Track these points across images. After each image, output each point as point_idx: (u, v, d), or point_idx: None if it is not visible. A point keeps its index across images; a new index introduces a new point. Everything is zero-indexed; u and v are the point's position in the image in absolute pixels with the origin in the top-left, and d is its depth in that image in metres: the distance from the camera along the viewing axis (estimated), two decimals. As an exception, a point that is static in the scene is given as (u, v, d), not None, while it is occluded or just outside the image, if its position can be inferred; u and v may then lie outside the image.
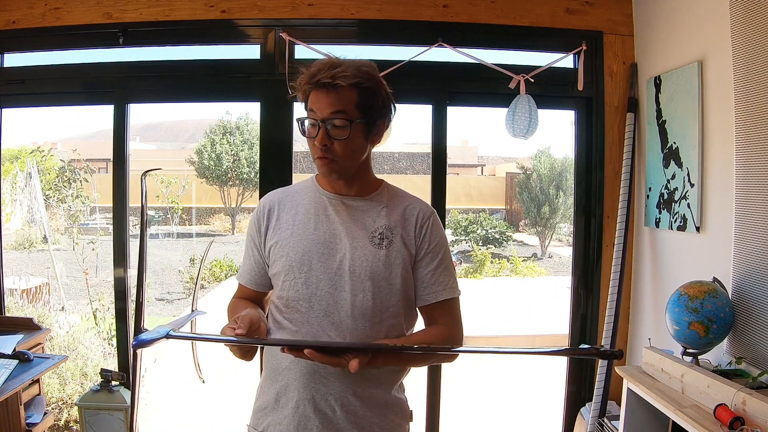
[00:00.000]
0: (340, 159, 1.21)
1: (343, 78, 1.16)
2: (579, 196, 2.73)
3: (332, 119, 1.17)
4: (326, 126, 1.17)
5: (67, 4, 2.52)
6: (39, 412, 2.51)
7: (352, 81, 1.17)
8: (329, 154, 1.19)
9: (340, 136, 1.18)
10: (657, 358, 1.93)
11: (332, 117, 1.17)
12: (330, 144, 1.19)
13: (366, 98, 1.19)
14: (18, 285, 5.14)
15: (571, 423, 2.69)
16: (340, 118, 1.17)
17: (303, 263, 1.23)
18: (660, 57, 2.42)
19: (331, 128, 1.18)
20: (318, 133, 1.18)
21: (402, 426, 1.30)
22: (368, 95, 1.20)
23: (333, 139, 1.18)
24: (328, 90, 1.17)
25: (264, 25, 2.54)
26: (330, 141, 1.18)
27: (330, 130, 1.18)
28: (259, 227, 1.31)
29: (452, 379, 4.45)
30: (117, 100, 2.57)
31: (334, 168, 1.22)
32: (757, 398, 1.47)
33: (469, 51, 2.54)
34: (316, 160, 1.22)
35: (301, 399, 1.21)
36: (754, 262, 1.82)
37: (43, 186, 7.12)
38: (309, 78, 1.19)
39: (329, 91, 1.16)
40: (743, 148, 1.87)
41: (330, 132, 1.18)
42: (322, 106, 1.18)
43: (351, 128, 1.18)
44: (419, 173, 16.80)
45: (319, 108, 1.18)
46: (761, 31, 1.78)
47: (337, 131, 1.18)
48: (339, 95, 1.17)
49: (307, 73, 1.20)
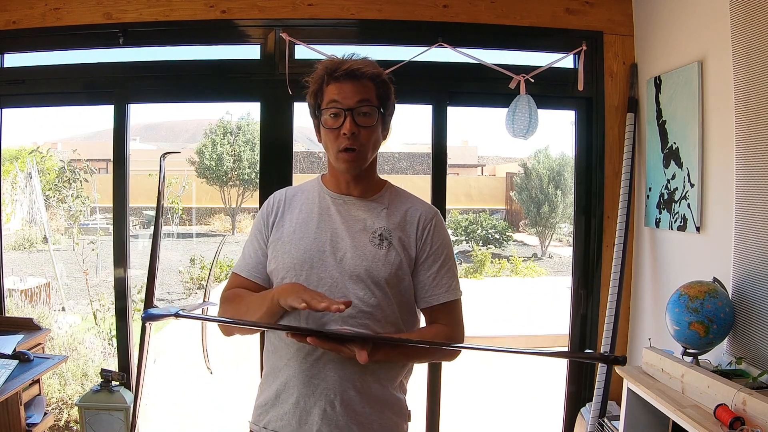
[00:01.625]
0: (365, 149, 1.22)
1: (367, 68, 1.20)
2: (579, 196, 2.73)
3: (359, 107, 1.19)
4: (353, 114, 1.19)
5: (67, 5, 2.52)
6: (39, 413, 2.51)
7: (374, 71, 1.22)
8: (356, 143, 1.20)
9: (367, 124, 1.20)
10: (657, 359, 1.93)
11: (359, 105, 1.19)
12: (358, 132, 1.20)
13: (384, 91, 1.24)
14: (18, 285, 5.15)
15: (572, 423, 2.69)
16: (367, 105, 1.20)
17: (304, 262, 1.23)
18: (660, 57, 2.42)
19: (358, 116, 1.20)
20: (344, 121, 1.19)
21: (400, 425, 1.30)
22: (385, 88, 1.24)
23: (360, 127, 1.20)
24: (351, 80, 1.19)
25: (264, 25, 2.54)
26: (358, 129, 1.19)
27: (357, 118, 1.19)
28: (267, 221, 1.32)
29: (452, 380, 4.45)
30: (117, 100, 2.57)
31: (359, 161, 1.23)
32: (757, 398, 1.47)
33: (469, 51, 2.54)
34: (340, 153, 1.22)
35: (302, 395, 1.21)
36: (754, 262, 1.82)
37: (43, 186, 7.12)
38: (328, 71, 1.21)
39: (353, 81, 1.19)
40: (743, 149, 1.87)
41: (357, 120, 1.19)
42: (347, 95, 1.19)
43: (377, 116, 1.21)
44: (419, 173, 16.79)
45: (345, 97, 1.19)
46: (761, 31, 1.78)
47: (364, 119, 1.20)
48: (363, 85, 1.20)
49: (322, 67, 1.22)
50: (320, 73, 1.23)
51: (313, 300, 1.06)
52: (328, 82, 1.21)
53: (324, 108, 1.22)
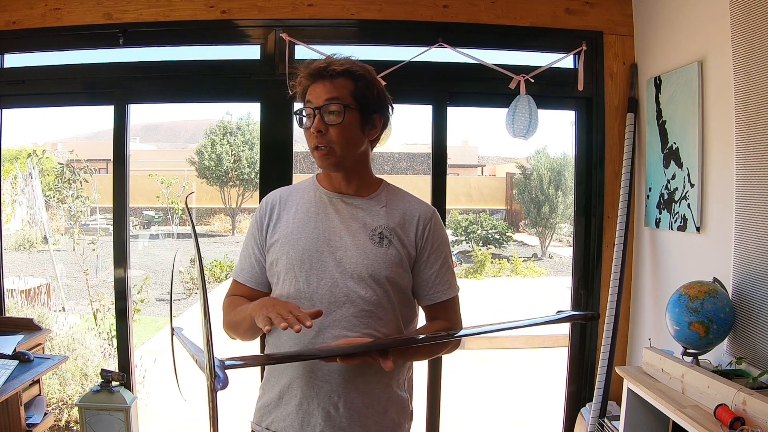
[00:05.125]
0: (336, 146, 1.21)
1: (337, 65, 1.21)
2: (579, 197, 2.73)
3: (327, 105, 1.20)
4: (321, 113, 1.20)
5: (67, 5, 2.52)
6: (39, 413, 2.51)
7: (346, 67, 1.21)
8: (324, 140, 1.21)
9: (334, 122, 1.20)
10: (657, 359, 1.93)
11: (327, 103, 1.20)
12: (325, 130, 1.20)
13: (361, 87, 1.22)
14: (18, 285, 5.14)
15: (572, 423, 2.69)
16: (335, 103, 1.19)
17: (304, 261, 1.23)
18: (660, 57, 2.42)
19: (326, 115, 1.20)
20: (314, 121, 1.20)
21: (402, 425, 1.31)
22: (363, 85, 1.23)
23: (328, 125, 1.20)
24: (323, 79, 1.21)
25: (264, 25, 2.54)
26: (325, 127, 1.20)
27: (325, 116, 1.20)
28: (261, 225, 1.31)
29: (453, 379, 4.45)
30: (117, 101, 2.57)
31: (330, 158, 1.23)
32: (757, 398, 1.47)
33: (470, 51, 2.54)
34: (314, 152, 1.23)
35: (305, 396, 1.21)
36: (754, 262, 1.82)
37: (44, 186, 7.12)
38: (306, 72, 1.23)
39: (325, 80, 1.20)
40: (743, 149, 1.87)
41: (324, 118, 1.20)
42: (317, 95, 1.21)
43: (345, 113, 1.20)
44: (419, 173, 16.82)
45: (315, 97, 1.21)
46: (761, 31, 1.78)
47: (331, 117, 1.20)
48: (334, 83, 1.21)
49: (302, 70, 1.24)
50: (301, 75, 1.24)
51: (276, 319, 1.05)
52: (308, 84, 1.23)
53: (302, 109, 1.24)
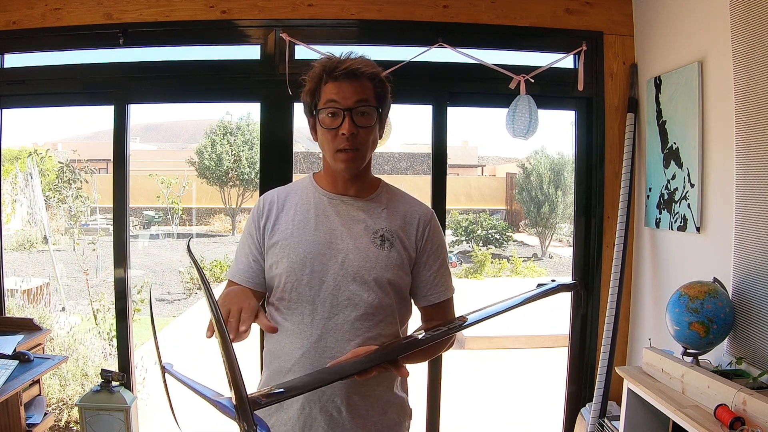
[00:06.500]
0: (363, 149, 1.21)
1: (365, 67, 1.19)
2: (579, 197, 2.73)
3: (358, 107, 1.18)
4: (351, 114, 1.18)
5: (67, 5, 2.52)
6: (39, 413, 2.51)
7: (372, 71, 1.20)
8: (353, 143, 1.19)
9: (366, 124, 1.19)
10: (657, 359, 1.93)
11: (358, 105, 1.18)
12: (357, 132, 1.19)
13: (381, 90, 1.23)
14: (18, 285, 5.15)
15: (572, 423, 2.69)
16: (366, 105, 1.19)
17: (305, 264, 1.21)
18: (660, 57, 2.42)
19: (357, 116, 1.18)
20: (343, 121, 1.18)
21: (402, 424, 1.31)
22: (383, 88, 1.23)
23: (359, 127, 1.19)
24: (350, 80, 1.18)
25: (264, 25, 2.54)
26: (357, 129, 1.19)
27: (355, 118, 1.18)
28: (258, 225, 1.29)
29: (452, 379, 4.45)
30: (117, 101, 2.57)
31: (358, 161, 1.22)
32: (757, 398, 1.47)
33: (470, 51, 2.54)
34: (338, 153, 1.20)
35: (307, 400, 1.20)
36: (754, 262, 1.82)
37: (44, 186, 7.12)
38: (327, 69, 1.19)
39: (352, 80, 1.18)
40: (743, 149, 1.87)
41: (356, 120, 1.18)
42: (346, 95, 1.18)
43: (376, 116, 1.20)
44: (419, 173, 16.82)
45: (343, 97, 1.18)
46: (761, 31, 1.78)
47: (362, 119, 1.19)
48: (362, 84, 1.19)
49: (320, 65, 1.21)
50: (318, 72, 1.21)
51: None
52: (326, 81, 1.20)
53: (322, 107, 1.20)
